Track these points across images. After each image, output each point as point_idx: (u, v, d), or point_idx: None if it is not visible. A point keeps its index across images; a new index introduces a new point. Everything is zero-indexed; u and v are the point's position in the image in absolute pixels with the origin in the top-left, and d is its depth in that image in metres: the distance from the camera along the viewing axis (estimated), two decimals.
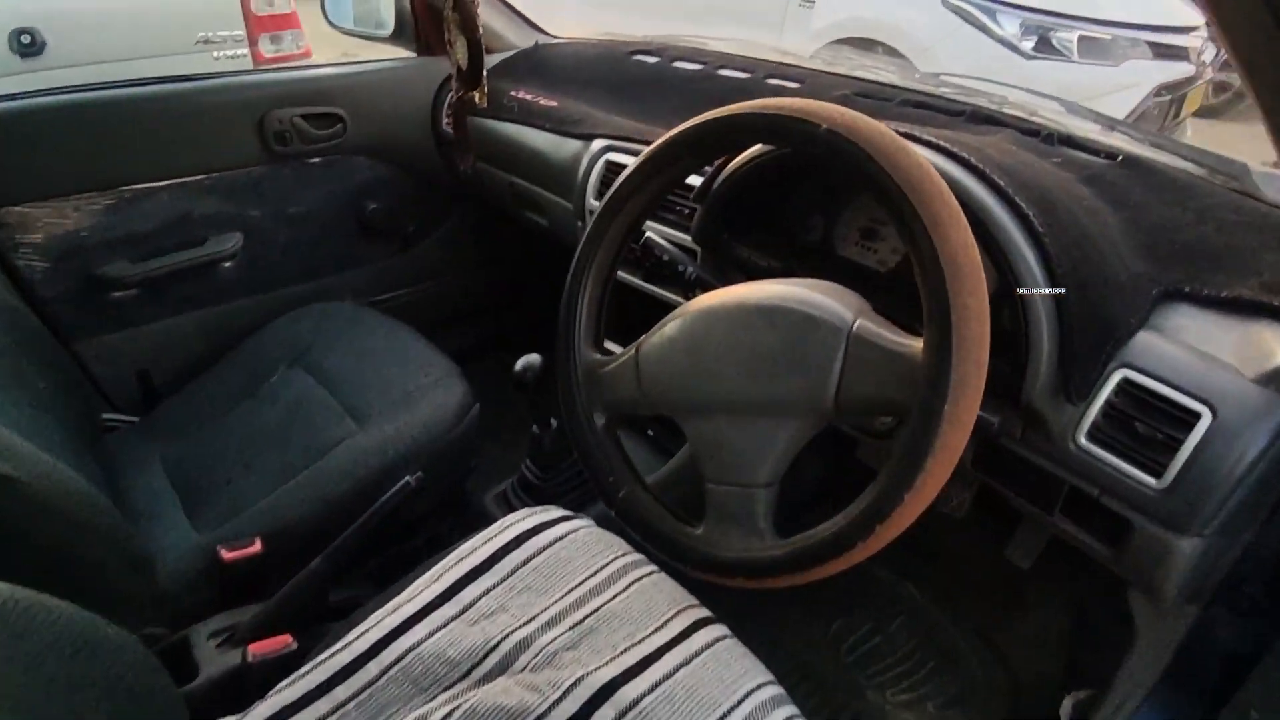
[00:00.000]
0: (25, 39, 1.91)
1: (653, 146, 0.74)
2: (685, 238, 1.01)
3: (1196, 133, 3.58)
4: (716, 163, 0.93)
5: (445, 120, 1.10)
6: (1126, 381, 0.67)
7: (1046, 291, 0.66)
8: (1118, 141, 0.97)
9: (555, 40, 1.59)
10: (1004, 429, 0.69)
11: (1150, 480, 0.66)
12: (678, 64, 1.38)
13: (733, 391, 0.67)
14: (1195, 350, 0.67)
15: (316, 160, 1.45)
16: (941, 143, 0.74)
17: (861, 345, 0.61)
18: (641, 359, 0.75)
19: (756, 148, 0.87)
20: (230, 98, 1.33)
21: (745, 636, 0.81)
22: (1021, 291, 0.67)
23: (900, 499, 0.56)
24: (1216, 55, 3.67)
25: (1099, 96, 2.99)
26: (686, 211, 1.03)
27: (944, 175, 0.71)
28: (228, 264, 1.42)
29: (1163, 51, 3.23)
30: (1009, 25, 3.06)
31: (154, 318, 1.38)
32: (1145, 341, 0.68)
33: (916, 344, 0.59)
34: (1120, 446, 0.68)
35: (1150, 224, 0.79)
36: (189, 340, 1.42)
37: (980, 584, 1.29)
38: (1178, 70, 3.28)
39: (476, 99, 0.99)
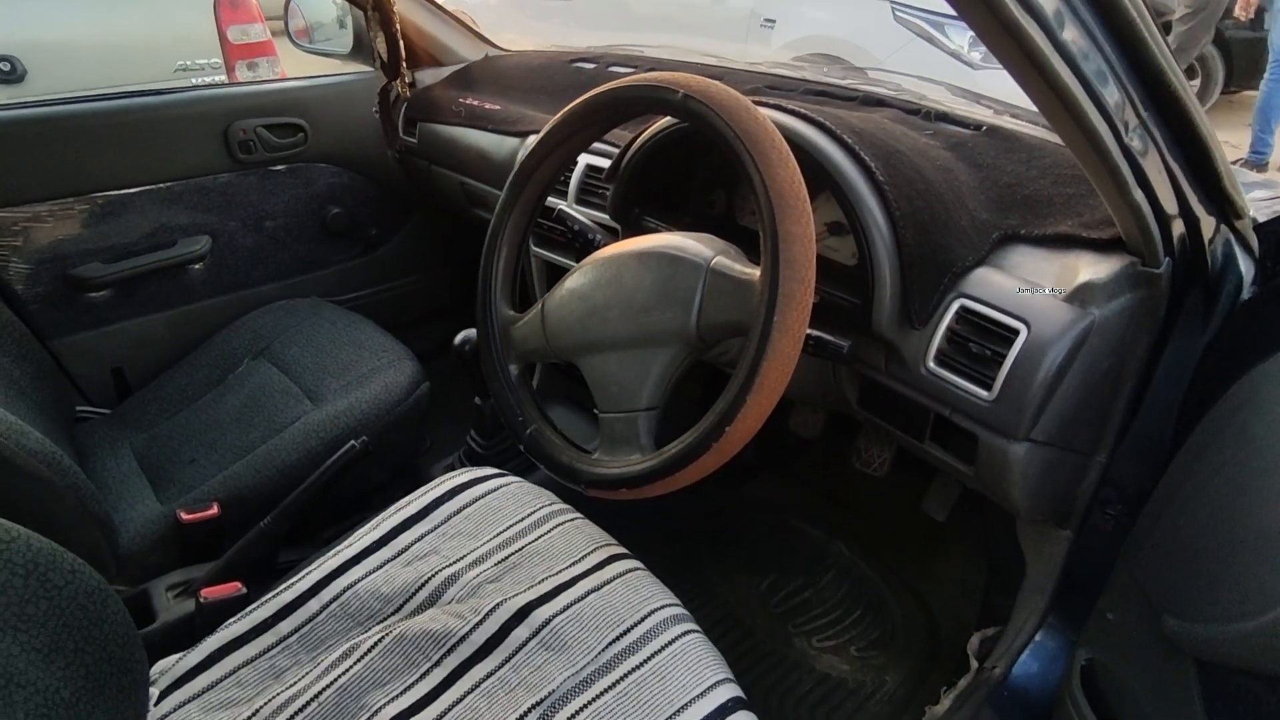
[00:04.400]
0: (4, 66, 2.02)
1: (549, 124, 0.84)
2: (604, 216, 1.11)
3: None
4: (624, 146, 1.03)
5: (373, 109, 1.20)
6: (964, 309, 0.76)
7: (883, 226, 0.76)
8: (990, 117, 1.07)
9: (504, 52, 1.71)
10: (856, 354, 0.78)
11: (983, 393, 0.74)
12: (613, 68, 1.49)
13: (616, 330, 0.76)
14: (1022, 279, 0.76)
15: (280, 168, 1.55)
16: (797, 108, 0.84)
17: (717, 277, 0.70)
18: (546, 312, 0.84)
19: (656, 126, 0.97)
20: (196, 110, 1.44)
21: (678, 589, 0.87)
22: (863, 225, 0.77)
23: (743, 401, 0.65)
24: None
25: None
26: (604, 192, 1.13)
27: (797, 136, 0.82)
28: (196, 266, 1.51)
29: None
30: (957, 38, 3.20)
31: (127, 317, 1.47)
32: (982, 276, 0.78)
33: (759, 272, 0.68)
34: (960, 367, 0.76)
35: (999, 181, 0.89)
36: (160, 338, 1.51)
37: (904, 538, 1.37)
38: None
39: (399, 89, 1.08)
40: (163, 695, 0.80)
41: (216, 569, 1.02)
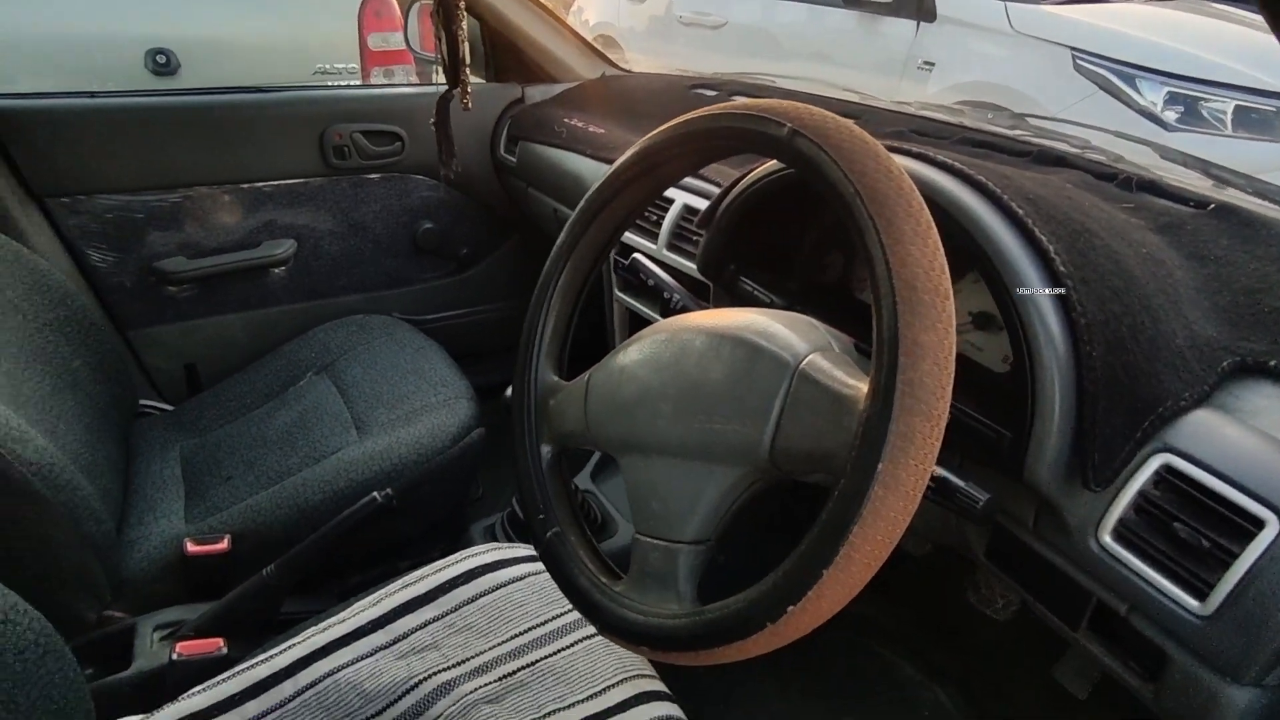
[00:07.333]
0: (160, 59, 2.11)
1: (622, 158, 0.67)
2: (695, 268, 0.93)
3: None
4: (725, 186, 0.85)
5: (430, 121, 1.08)
6: (1168, 469, 0.52)
7: (1058, 336, 0.53)
8: (1218, 191, 0.81)
9: (622, 73, 1.57)
10: (994, 509, 0.55)
11: (1190, 601, 0.50)
12: (737, 97, 1.31)
13: (666, 430, 0.57)
14: (1270, 439, 0.51)
15: (374, 176, 1.48)
16: (945, 159, 0.62)
17: (806, 385, 0.50)
18: (590, 387, 0.66)
19: (768, 165, 0.79)
20: (294, 110, 1.38)
21: None
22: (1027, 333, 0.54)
23: (817, 575, 0.44)
24: None
25: (1257, 175, 2.66)
26: (699, 240, 0.95)
27: (942, 195, 0.60)
28: (280, 269, 1.46)
29: None
30: (1151, 93, 2.79)
31: (205, 314, 1.43)
32: (1202, 422, 0.53)
33: (865, 386, 0.48)
34: (1154, 554, 0.52)
35: (1235, 284, 0.63)
36: (236, 339, 1.46)
37: (1025, 703, 1.08)
38: None
39: (459, 98, 0.96)
40: None
41: (207, 616, 0.91)
